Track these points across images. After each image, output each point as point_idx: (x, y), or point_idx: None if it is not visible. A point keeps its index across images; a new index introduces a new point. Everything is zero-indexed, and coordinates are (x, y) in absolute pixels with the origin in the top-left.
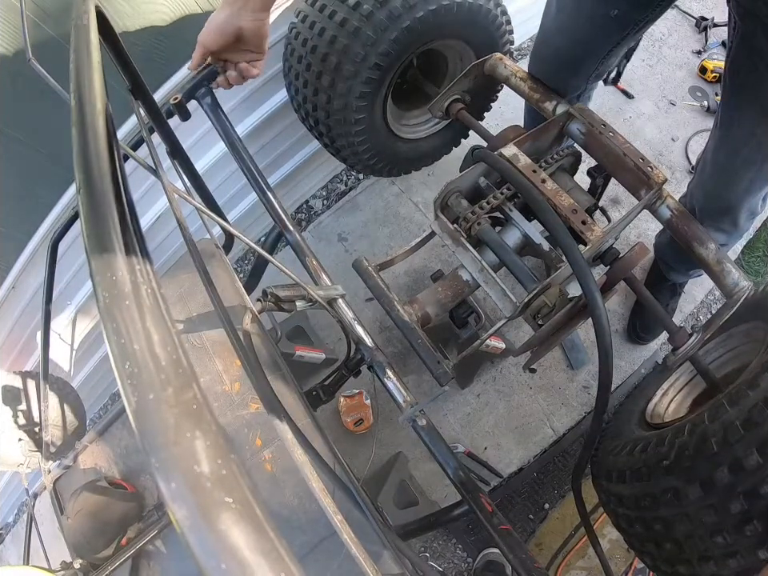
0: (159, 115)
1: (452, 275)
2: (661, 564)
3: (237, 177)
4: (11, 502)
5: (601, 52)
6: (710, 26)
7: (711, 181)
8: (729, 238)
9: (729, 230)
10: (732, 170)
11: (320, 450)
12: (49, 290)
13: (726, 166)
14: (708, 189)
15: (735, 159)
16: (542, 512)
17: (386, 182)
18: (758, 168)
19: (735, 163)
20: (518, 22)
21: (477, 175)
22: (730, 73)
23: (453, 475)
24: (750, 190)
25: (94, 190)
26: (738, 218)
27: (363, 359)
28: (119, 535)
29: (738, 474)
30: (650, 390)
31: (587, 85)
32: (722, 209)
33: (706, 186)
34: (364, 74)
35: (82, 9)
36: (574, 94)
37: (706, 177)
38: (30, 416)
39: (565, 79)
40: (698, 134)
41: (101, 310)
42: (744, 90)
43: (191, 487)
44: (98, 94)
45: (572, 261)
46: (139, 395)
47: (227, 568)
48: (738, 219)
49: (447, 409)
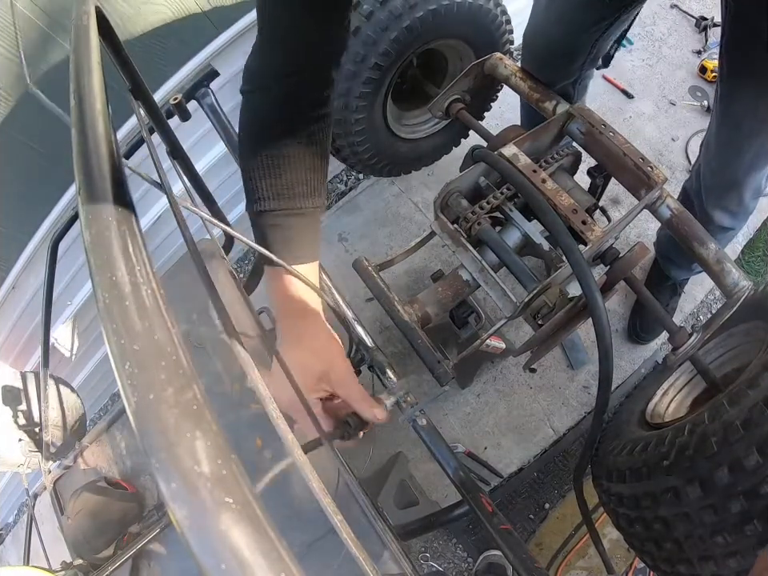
0: (159, 115)
1: (452, 275)
2: (661, 564)
3: (237, 177)
4: (11, 503)
5: (594, 35)
6: (710, 25)
7: (716, 158)
8: (735, 219)
9: (735, 209)
10: (735, 145)
11: (320, 450)
12: (49, 290)
13: (729, 141)
14: (713, 166)
15: (737, 134)
16: (543, 512)
17: (386, 182)
18: (760, 142)
19: (738, 138)
20: (518, 21)
21: (477, 175)
22: (725, 48)
23: (453, 475)
24: (755, 165)
25: (94, 190)
26: (743, 194)
27: (363, 359)
28: (119, 535)
29: (738, 474)
30: (650, 390)
31: (581, 72)
32: (727, 184)
33: (711, 164)
34: (364, 74)
35: (82, 9)
36: (569, 80)
37: (710, 155)
38: (30, 416)
39: (560, 67)
40: (697, 133)
41: (101, 310)
42: (740, 65)
43: (191, 487)
44: (98, 94)
45: (572, 261)
46: (139, 395)
47: (227, 568)
48: (744, 196)
49: (447, 409)
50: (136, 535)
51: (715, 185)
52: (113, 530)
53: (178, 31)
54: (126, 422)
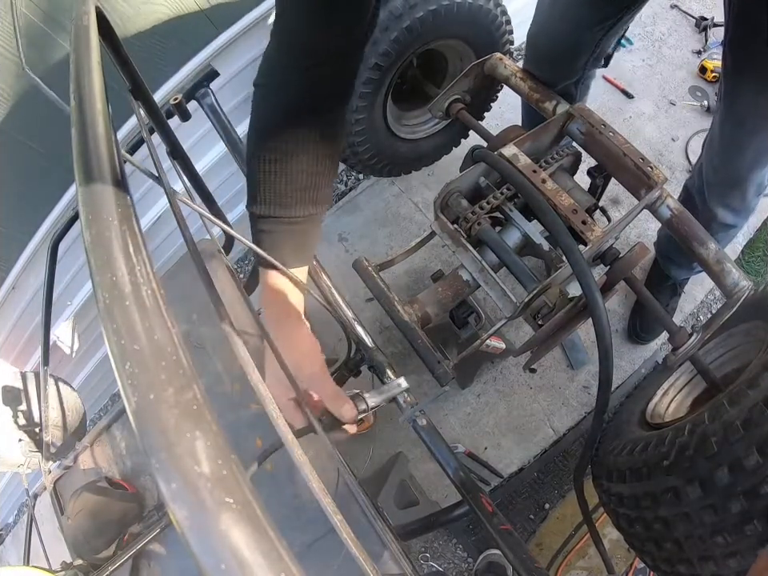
0: (159, 116)
1: (452, 275)
2: (661, 564)
3: (237, 177)
4: (11, 503)
5: (598, 34)
6: (710, 25)
7: (719, 154)
8: (737, 217)
9: (738, 206)
10: (738, 141)
11: (320, 450)
12: (49, 290)
13: (733, 137)
14: (716, 163)
15: (740, 130)
16: (543, 512)
17: (386, 182)
18: (762, 138)
19: (741, 134)
20: (517, 21)
21: (477, 175)
22: (728, 46)
23: (453, 475)
24: (758, 161)
25: (94, 190)
26: (746, 191)
27: (363, 359)
28: (119, 535)
29: (738, 474)
30: (650, 390)
31: (584, 72)
32: (730, 181)
33: (714, 160)
34: (364, 74)
35: (82, 9)
36: (572, 80)
37: (713, 152)
38: (30, 416)
39: (564, 64)
40: (698, 133)
41: (101, 310)
42: (743, 62)
43: (191, 487)
44: (98, 94)
45: (572, 261)
46: (139, 395)
47: (227, 568)
48: (747, 193)
49: (447, 409)
50: (136, 535)
51: (718, 182)
52: (113, 530)
53: (178, 31)
54: (126, 422)
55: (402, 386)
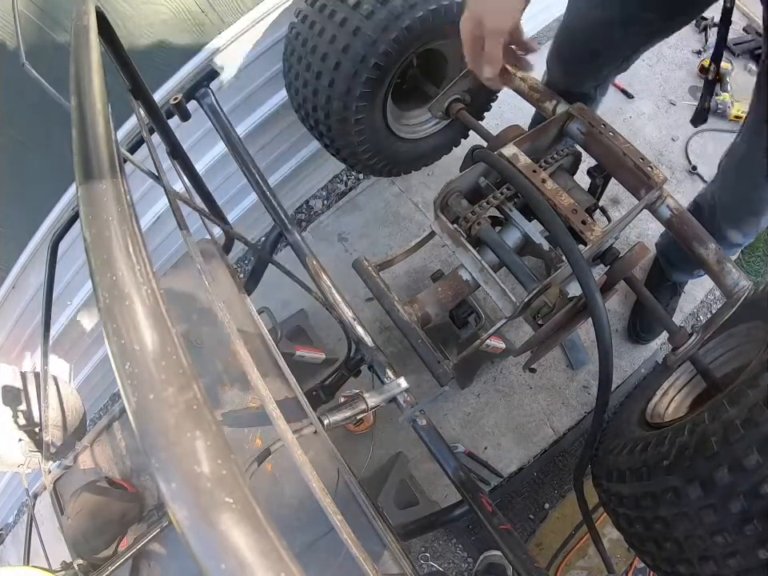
0: (159, 115)
1: (452, 275)
2: (661, 563)
3: (237, 177)
4: (11, 503)
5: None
6: (710, 25)
7: (741, 184)
8: (745, 237)
9: (750, 230)
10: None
11: (320, 450)
12: (49, 290)
13: (756, 173)
14: (738, 192)
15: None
16: (542, 512)
17: (386, 181)
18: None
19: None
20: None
21: (477, 175)
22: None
23: (453, 475)
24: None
25: (94, 190)
26: (761, 220)
27: (363, 359)
28: (119, 535)
29: (738, 474)
30: (650, 390)
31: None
32: (750, 208)
33: (736, 189)
34: (364, 74)
35: (82, 9)
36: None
37: (733, 179)
38: (30, 416)
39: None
40: (697, 134)
41: (101, 310)
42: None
43: (191, 487)
44: (98, 94)
45: (572, 261)
46: (139, 395)
47: (227, 568)
48: (761, 222)
49: (447, 409)
50: (136, 535)
51: (734, 207)
52: (113, 530)
53: (178, 31)
54: (126, 422)
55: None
